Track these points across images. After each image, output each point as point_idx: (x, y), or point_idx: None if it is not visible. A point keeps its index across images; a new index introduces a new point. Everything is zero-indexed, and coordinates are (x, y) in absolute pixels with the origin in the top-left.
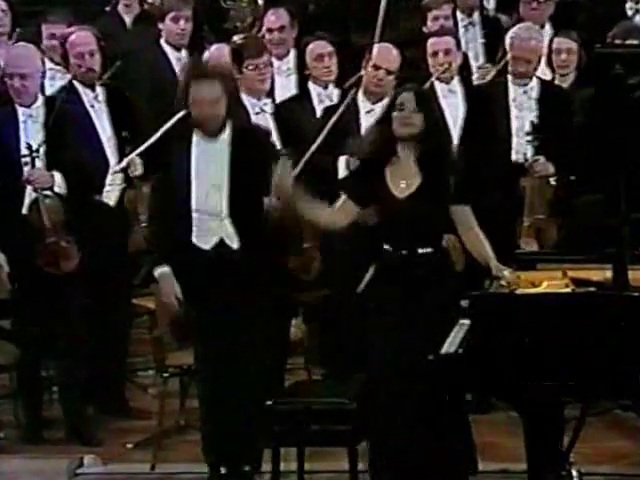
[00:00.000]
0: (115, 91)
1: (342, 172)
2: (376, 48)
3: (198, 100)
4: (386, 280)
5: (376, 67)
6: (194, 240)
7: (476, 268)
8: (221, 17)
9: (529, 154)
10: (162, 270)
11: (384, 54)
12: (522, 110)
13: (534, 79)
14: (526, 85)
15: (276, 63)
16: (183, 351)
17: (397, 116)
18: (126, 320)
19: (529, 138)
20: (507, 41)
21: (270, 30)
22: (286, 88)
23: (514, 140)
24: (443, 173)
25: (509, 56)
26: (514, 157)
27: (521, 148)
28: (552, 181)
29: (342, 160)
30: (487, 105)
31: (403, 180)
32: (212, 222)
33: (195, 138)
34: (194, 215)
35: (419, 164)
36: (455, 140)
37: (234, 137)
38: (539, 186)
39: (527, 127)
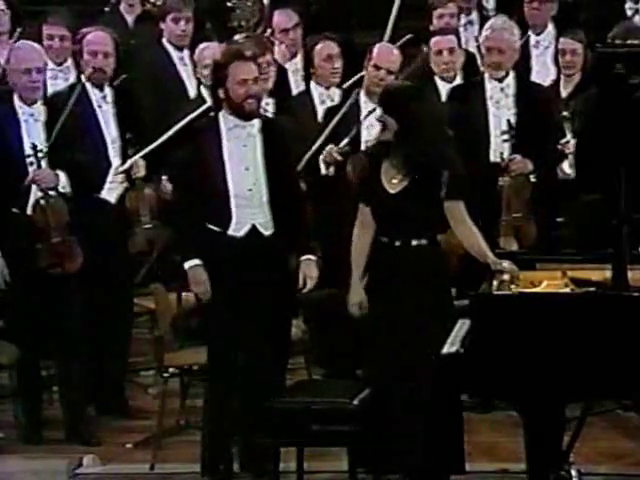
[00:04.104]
0: (123, 92)
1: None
2: (377, 48)
3: (243, 79)
4: (382, 271)
5: (377, 67)
6: (229, 229)
7: (475, 268)
8: (226, 15)
9: (506, 153)
10: (193, 262)
11: (385, 54)
12: (500, 108)
13: (510, 75)
14: (502, 81)
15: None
16: (183, 351)
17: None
18: (127, 320)
19: (505, 137)
20: (482, 35)
21: (285, 30)
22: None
23: (492, 139)
24: (430, 170)
25: (483, 49)
26: (492, 156)
27: (499, 147)
28: (532, 178)
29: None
30: (465, 103)
31: (395, 177)
32: (247, 209)
33: (224, 126)
34: (232, 201)
35: (404, 163)
36: None
37: (264, 124)
38: (516, 184)
39: (504, 126)
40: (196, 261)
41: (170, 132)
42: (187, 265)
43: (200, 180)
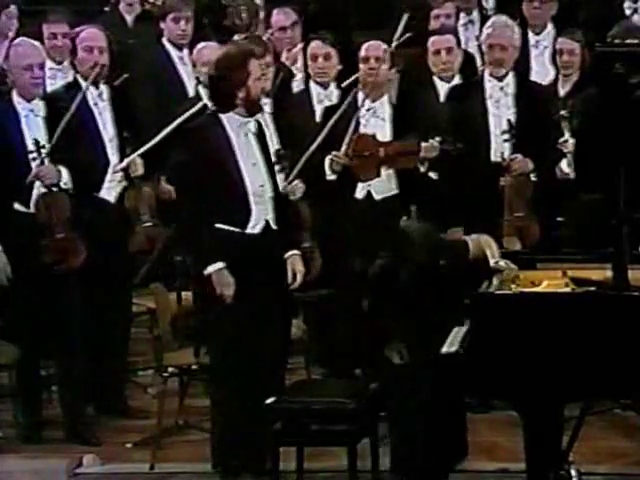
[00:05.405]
0: (119, 90)
1: (327, 171)
2: (364, 45)
3: (258, 75)
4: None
5: (366, 59)
6: (248, 227)
7: (476, 268)
8: (220, 14)
9: (507, 153)
10: (218, 266)
11: (371, 45)
12: (499, 107)
13: (510, 74)
14: (502, 80)
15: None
16: (182, 351)
17: None
18: (126, 319)
19: (506, 137)
20: (484, 32)
21: (283, 28)
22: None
23: (492, 139)
24: None
25: (485, 46)
26: (492, 156)
27: (499, 147)
28: (533, 177)
29: (328, 159)
30: (464, 103)
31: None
32: (260, 205)
33: (229, 124)
34: (251, 199)
35: None
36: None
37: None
38: (518, 184)
39: (504, 125)
40: (220, 264)
41: (166, 130)
42: (212, 269)
43: (212, 180)
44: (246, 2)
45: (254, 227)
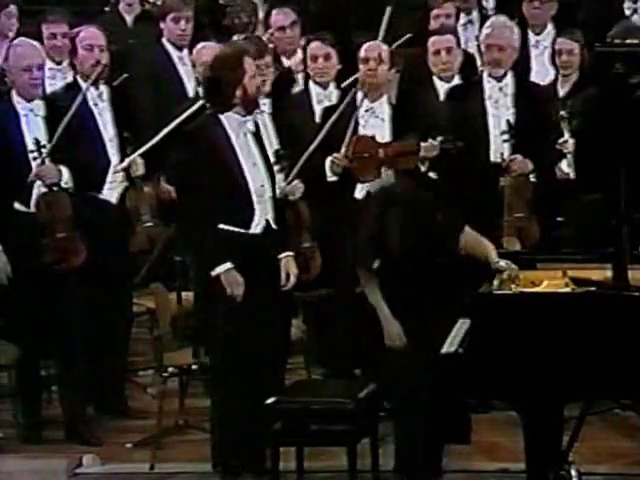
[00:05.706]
0: (119, 90)
1: (328, 172)
2: (364, 45)
3: (253, 73)
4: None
5: (365, 60)
6: (251, 225)
7: (476, 268)
8: (219, 14)
9: (506, 153)
10: (226, 266)
11: (371, 46)
12: (498, 108)
13: (509, 75)
14: (500, 80)
15: (285, 62)
16: (182, 351)
17: None
18: (126, 319)
19: (505, 137)
20: (483, 33)
21: (282, 28)
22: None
23: (492, 139)
24: None
25: (483, 46)
26: (492, 157)
27: (499, 147)
28: (533, 177)
29: (328, 161)
30: (464, 103)
31: None
32: (261, 205)
33: (228, 124)
34: (254, 199)
35: None
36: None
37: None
38: (517, 184)
39: (503, 126)
40: (229, 264)
41: (166, 130)
42: (221, 269)
43: (215, 180)
44: (245, 2)
45: (256, 227)
